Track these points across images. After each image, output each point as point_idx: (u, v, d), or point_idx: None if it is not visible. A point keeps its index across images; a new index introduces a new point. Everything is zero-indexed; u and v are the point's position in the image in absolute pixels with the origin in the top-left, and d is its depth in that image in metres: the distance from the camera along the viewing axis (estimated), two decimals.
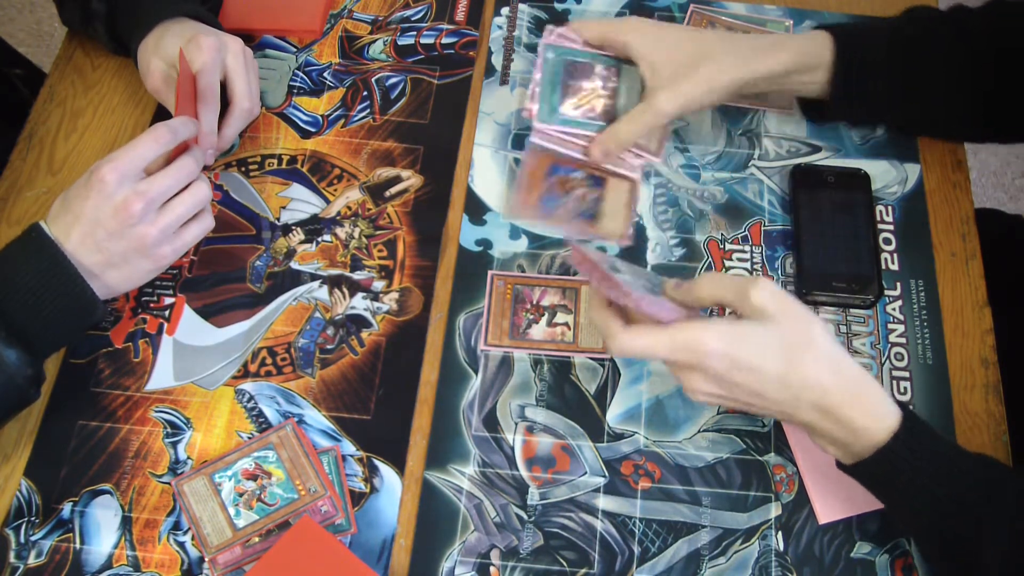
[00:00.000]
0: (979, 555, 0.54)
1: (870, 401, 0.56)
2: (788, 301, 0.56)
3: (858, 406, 0.55)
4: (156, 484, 0.66)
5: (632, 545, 0.64)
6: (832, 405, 0.55)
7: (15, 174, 0.78)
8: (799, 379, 0.55)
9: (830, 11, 0.86)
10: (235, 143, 0.79)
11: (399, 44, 0.84)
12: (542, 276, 0.73)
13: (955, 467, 0.56)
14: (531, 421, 0.68)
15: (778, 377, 0.55)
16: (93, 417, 0.68)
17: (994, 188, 1.72)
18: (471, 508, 0.65)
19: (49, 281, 0.62)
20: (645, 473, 0.66)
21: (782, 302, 0.56)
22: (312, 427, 0.67)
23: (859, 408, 0.55)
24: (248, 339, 0.71)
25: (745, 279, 0.57)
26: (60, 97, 0.82)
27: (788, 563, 0.63)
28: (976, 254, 0.74)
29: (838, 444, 0.58)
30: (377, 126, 0.80)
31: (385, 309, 0.72)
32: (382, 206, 0.76)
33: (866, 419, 0.55)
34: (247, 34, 0.83)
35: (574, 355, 0.70)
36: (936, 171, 0.78)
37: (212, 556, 0.63)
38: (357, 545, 0.64)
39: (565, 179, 0.75)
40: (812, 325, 0.56)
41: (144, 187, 0.64)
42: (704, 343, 0.55)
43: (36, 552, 0.63)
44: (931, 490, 0.55)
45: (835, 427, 0.56)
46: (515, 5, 0.87)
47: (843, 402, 0.55)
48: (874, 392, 0.56)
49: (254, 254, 0.74)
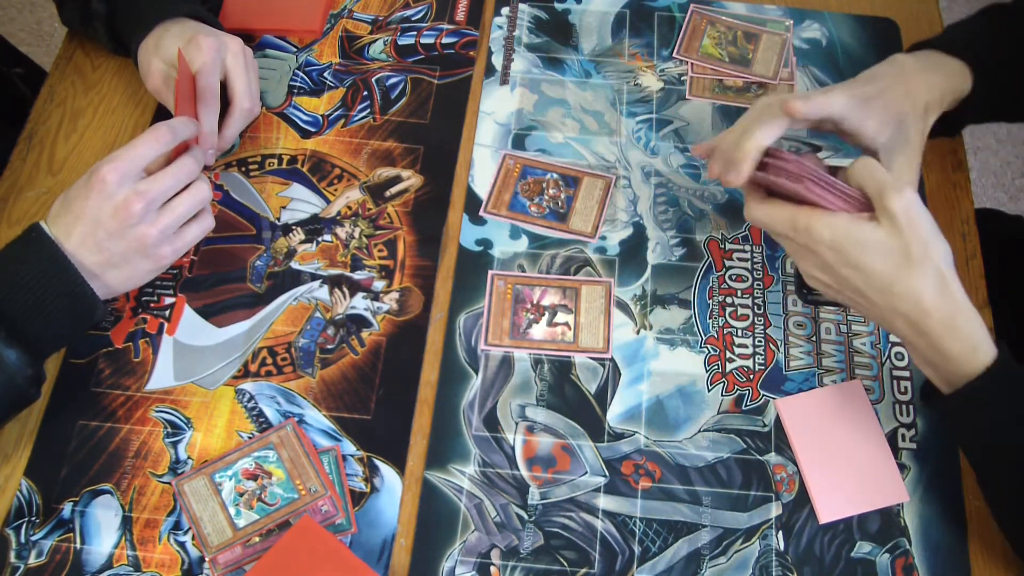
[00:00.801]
0: None
1: (967, 332, 0.56)
2: (920, 217, 0.55)
3: (954, 333, 0.56)
4: (156, 484, 0.66)
5: (632, 545, 0.64)
6: (928, 325, 0.56)
7: (15, 174, 0.78)
8: (901, 290, 0.56)
9: (830, 11, 0.86)
10: (235, 143, 0.79)
11: (399, 44, 0.84)
12: (542, 276, 0.73)
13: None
14: (531, 421, 0.68)
15: (882, 282, 0.56)
16: (93, 417, 0.68)
17: (994, 188, 1.72)
18: (471, 508, 0.65)
19: (49, 281, 0.62)
20: (645, 473, 0.66)
21: (914, 216, 0.55)
22: (312, 427, 0.67)
23: (954, 336, 0.56)
24: (248, 339, 0.71)
25: (890, 180, 0.56)
26: (60, 97, 0.82)
27: (788, 563, 0.63)
28: (976, 254, 0.74)
29: (930, 365, 0.58)
30: (377, 126, 0.80)
31: (385, 309, 0.72)
32: (382, 206, 0.76)
33: (959, 348, 0.56)
34: (247, 34, 0.83)
35: (574, 355, 0.70)
36: (936, 171, 0.78)
37: (212, 556, 0.63)
38: (357, 545, 0.64)
39: (538, 180, 0.77)
40: (934, 245, 0.56)
41: (144, 187, 0.64)
42: (818, 231, 0.57)
43: (36, 552, 0.63)
44: (1015, 438, 0.56)
45: (927, 348, 0.57)
46: (515, 5, 0.87)
47: (939, 324, 0.56)
48: (974, 324, 0.56)
49: (254, 254, 0.74)
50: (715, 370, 0.70)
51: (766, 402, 0.69)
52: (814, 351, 0.71)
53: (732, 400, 0.69)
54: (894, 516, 0.65)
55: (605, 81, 0.82)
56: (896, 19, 0.86)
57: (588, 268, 0.74)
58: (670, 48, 0.84)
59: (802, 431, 0.67)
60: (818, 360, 0.70)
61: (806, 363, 0.70)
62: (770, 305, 0.72)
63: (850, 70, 0.83)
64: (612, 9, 0.86)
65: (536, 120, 0.80)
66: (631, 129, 0.80)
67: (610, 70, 0.83)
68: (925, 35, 0.74)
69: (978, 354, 0.56)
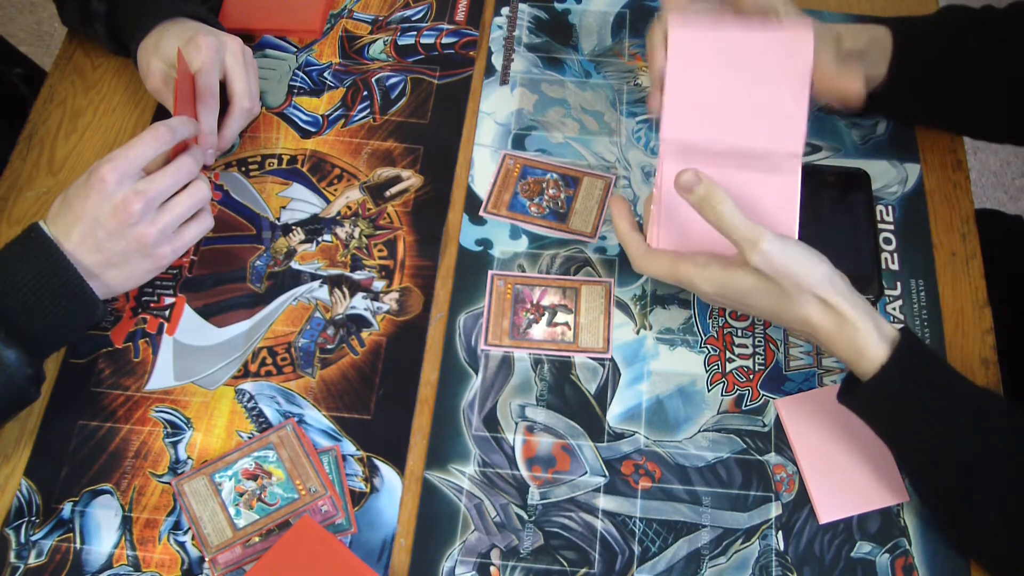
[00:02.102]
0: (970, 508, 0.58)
1: (851, 343, 0.59)
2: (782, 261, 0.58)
3: (840, 344, 0.59)
4: (156, 484, 0.66)
5: (632, 545, 0.64)
6: (818, 338, 0.60)
7: (15, 174, 0.78)
8: (789, 316, 0.60)
9: (830, 11, 0.86)
10: (235, 143, 0.79)
11: (399, 44, 0.84)
12: (542, 276, 0.73)
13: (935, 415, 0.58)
14: (531, 421, 0.68)
15: (769, 313, 0.62)
16: (93, 417, 0.68)
17: (994, 188, 1.72)
18: (471, 508, 0.65)
19: (49, 281, 0.62)
20: (645, 473, 0.66)
21: (777, 265, 0.58)
22: (312, 427, 0.67)
23: (842, 346, 0.59)
24: (248, 339, 0.71)
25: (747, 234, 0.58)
26: (60, 97, 0.82)
27: (788, 563, 0.63)
28: (976, 254, 0.74)
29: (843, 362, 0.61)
30: (377, 126, 0.80)
31: (385, 309, 0.72)
32: (382, 206, 0.76)
33: (848, 356, 0.59)
34: (247, 34, 0.83)
35: (574, 355, 0.70)
36: (936, 171, 0.78)
37: (212, 556, 0.63)
38: (357, 545, 0.64)
39: (538, 180, 0.77)
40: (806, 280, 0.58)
41: (143, 186, 0.64)
42: (696, 285, 0.62)
43: (36, 552, 0.63)
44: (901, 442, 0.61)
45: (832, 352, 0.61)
46: (515, 5, 0.87)
47: (827, 337, 0.60)
48: (860, 334, 0.58)
49: (254, 254, 0.74)
50: (715, 370, 0.70)
51: (766, 402, 0.69)
52: (814, 351, 0.71)
53: (732, 400, 0.69)
54: (894, 516, 0.65)
55: (605, 81, 0.82)
56: None
57: (588, 268, 0.74)
58: None
59: (802, 431, 0.67)
60: (818, 360, 0.70)
61: (806, 363, 0.70)
62: None
63: None
64: (612, 9, 0.86)
65: (536, 120, 0.80)
66: (631, 129, 0.80)
67: (610, 70, 0.83)
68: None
69: (862, 361, 0.59)
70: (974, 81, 0.72)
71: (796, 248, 0.59)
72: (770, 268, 0.58)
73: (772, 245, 0.57)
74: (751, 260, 0.58)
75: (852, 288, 0.60)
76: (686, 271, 0.62)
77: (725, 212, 0.58)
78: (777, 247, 0.57)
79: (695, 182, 0.59)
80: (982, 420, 0.58)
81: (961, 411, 0.58)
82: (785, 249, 0.58)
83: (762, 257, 0.58)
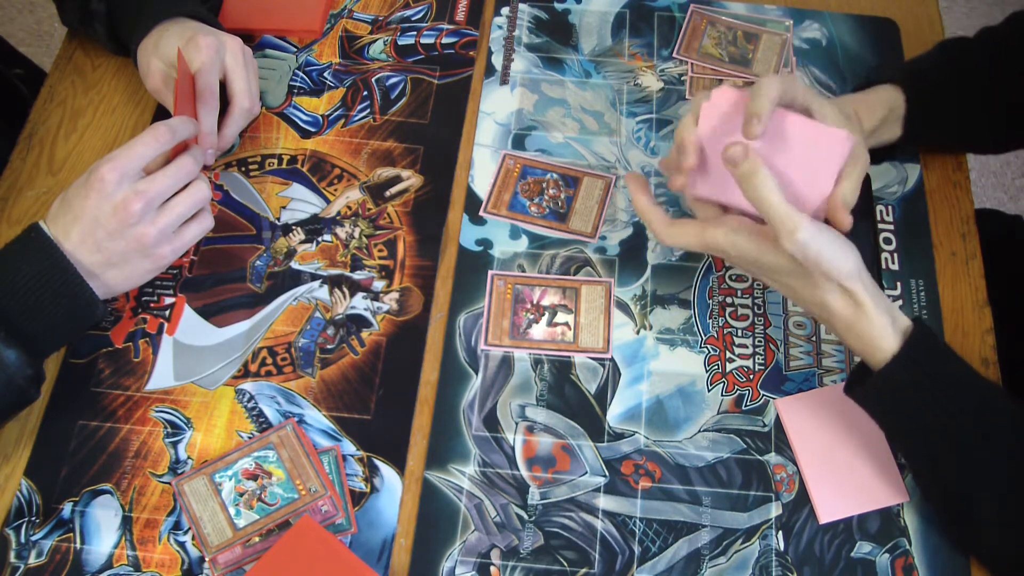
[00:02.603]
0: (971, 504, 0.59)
1: (867, 335, 0.59)
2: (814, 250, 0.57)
3: (858, 333, 0.60)
4: (156, 484, 0.66)
5: (632, 545, 0.64)
6: (833, 325, 0.61)
7: (15, 174, 0.78)
8: (808, 297, 0.61)
9: (830, 11, 0.86)
10: (235, 143, 0.79)
11: (399, 44, 0.84)
12: (542, 276, 0.73)
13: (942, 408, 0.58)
14: (531, 421, 0.68)
15: (788, 290, 0.62)
16: (93, 417, 0.68)
17: (994, 188, 1.72)
18: (471, 508, 0.65)
19: (49, 281, 0.62)
20: (645, 473, 0.66)
21: (809, 254, 0.58)
22: (312, 427, 0.67)
23: (855, 338, 0.60)
24: (248, 339, 0.71)
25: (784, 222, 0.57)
26: (60, 97, 0.82)
27: (788, 563, 0.63)
28: (976, 254, 0.74)
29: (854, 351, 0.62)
30: (377, 126, 0.80)
31: (385, 309, 0.72)
32: (382, 206, 0.76)
33: (860, 348, 0.60)
34: (247, 34, 0.83)
35: (574, 355, 0.70)
36: (936, 171, 0.78)
37: (212, 556, 0.63)
38: (357, 545, 0.64)
39: (538, 180, 0.77)
40: (836, 271, 0.58)
41: (143, 186, 0.64)
42: (725, 250, 0.62)
43: (36, 552, 0.63)
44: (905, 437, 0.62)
45: (845, 340, 0.62)
46: (515, 5, 0.87)
47: (843, 326, 0.60)
48: (875, 327, 0.59)
49: (254, 254, 0.74)
50: (715, 370, 0.70)
51: (766, 402, 0.69)
52: (814, 351, 0.71)
53: (732, 400, 0.69)
54: (894, 516, 0.65)
55: (605, 81, 0.82)
56: (896, 19, 0.86)
57: (588, 268, 0.74)
58: (670, 48, 0.84)
59: (802, 431, 0.67)
60: (818, 360, 0.70)
61: (806, 363, 0.70)
62: (770, 305, 0.72)
63: (850, 70, 0.83)
64: (612, 9, 0.86)
65: (536, 120, 0.80)
66: (631, 129, 0.80)
67: (610, 70, 0.83)
68: (925, 35, 0.74)
69: (874, 351, 0.60)
70: (976, 104, 0.73)
71: (830, 238, 0.58)
72: (803, 256, 0.57)
73: (807, 234, 0.57)
74: (785, 245, 0.57)
75: (875, 282, 0.60)
76: (714, 237, 0.62)
77: (766, 193, 0.57)
78: (812, 236, 0.57)
79: (742, 156, 0.58)
80: (987, 415, 0.58)
81: (967, 404, 0.58)
82: (819, 239, 0.57)
83: (797, 246, 0.57)
